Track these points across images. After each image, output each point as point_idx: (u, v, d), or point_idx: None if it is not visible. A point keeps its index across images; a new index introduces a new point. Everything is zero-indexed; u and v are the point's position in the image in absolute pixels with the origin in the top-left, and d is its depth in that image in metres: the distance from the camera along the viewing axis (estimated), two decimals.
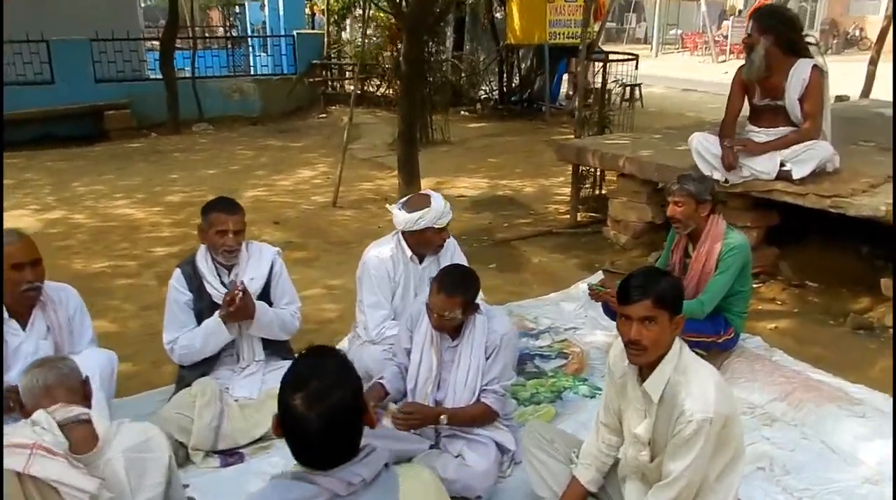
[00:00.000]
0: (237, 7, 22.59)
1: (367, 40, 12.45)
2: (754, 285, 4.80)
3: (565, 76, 13.98)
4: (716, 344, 3.63)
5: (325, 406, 1.58)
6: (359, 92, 11.44)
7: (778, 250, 4.97)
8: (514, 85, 14.63)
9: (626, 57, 11.19)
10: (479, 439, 2.88)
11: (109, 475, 1.94)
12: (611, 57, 10.04)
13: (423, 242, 3.49)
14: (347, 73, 15.41)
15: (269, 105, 14.29)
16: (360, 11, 13.73)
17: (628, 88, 13.60)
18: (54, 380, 1.94)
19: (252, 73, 15.86)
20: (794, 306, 4.50)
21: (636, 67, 11.52)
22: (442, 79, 12.82)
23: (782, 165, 4.52)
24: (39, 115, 12.22)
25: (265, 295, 3.40)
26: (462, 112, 14.05)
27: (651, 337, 2.12)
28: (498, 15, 14.76)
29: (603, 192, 6.65)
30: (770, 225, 4.93)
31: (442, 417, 2.83)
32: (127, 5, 14.99)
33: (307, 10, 18.28)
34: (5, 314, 2.92)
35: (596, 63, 9.66)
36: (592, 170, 6.55)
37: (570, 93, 13.62)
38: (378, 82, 15.03)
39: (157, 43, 14.28)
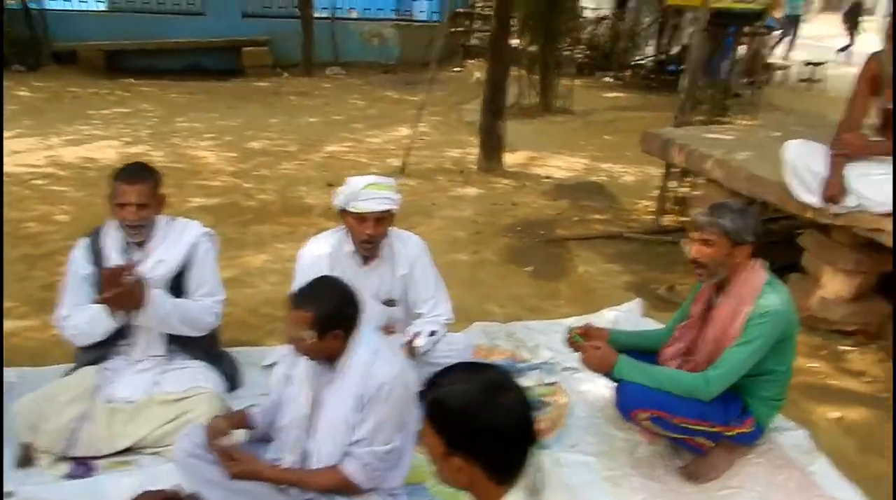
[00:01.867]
0: None
1: None
2: (845, 348, 3.66)
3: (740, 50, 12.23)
4: (724, 437, 2.67)
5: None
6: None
7: (890, 307, 3.74)
8: (671, 53, 13.06)
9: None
10: None
11: None
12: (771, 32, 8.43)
13: (352, 233, 2.85)
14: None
15: (406, 53, 13.83)
16: None
17: (812, 67, 11.73)
18: None
19: (395, 17, 15.37)
20: (885, 389, 3.32)
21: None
22: (577, 39, 11.65)
23: None
24: (188, 45, 12.65)
25: (179, 282, 2.94)
26: (606, 79, 12.82)
27: None
28: None
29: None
30: (882, 271, 3.71)
31: (279, 478, 2.21)
32: None
33: None
34: None
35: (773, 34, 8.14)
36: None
37: (737, 67, 11.90)
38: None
39: None
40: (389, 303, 2.99)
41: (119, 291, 2.64)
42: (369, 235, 2.78)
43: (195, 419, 2.62)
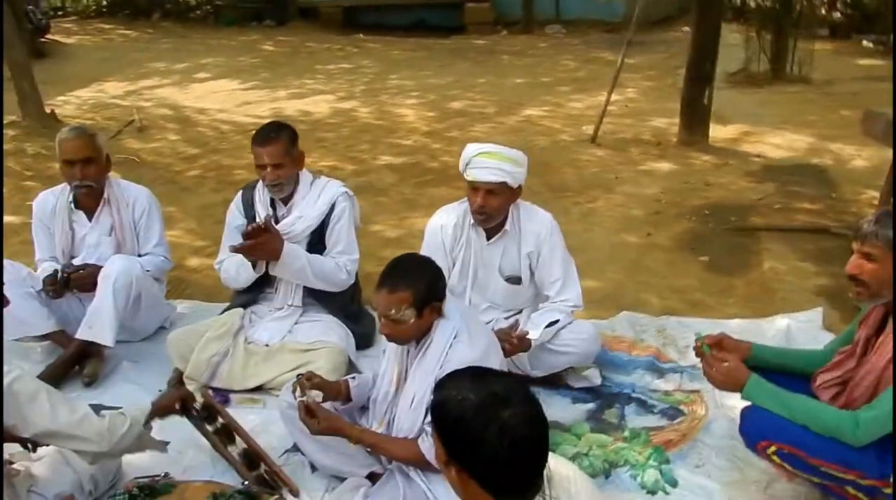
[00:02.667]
0: None
1: None
2: None
3: None
4: (881, 493, 2.22)
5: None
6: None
7: None
8: None
9: None
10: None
11: None
12: None
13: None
14: None
15: (633, 11, 13.05)
16: None
17: None
18: None
19: None
20: None
21: None
22: None
23: None
24: (416, 1, 13.12)
25: (318, 239, 3.08)
26: (865, 42, 11.10)
27: None
28: None
29: None
30: None
31: (358, 438, 2.25)
32: None
33: None
34: (70, 204, 3.14)
35: None
36: None
37: None
38: None
39: None
40: (513, 280, 2.88)
41: (253, 243, 2.83)
42: (479, 205, 2.67)
43: (314, 370, 2.75)
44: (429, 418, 2.15)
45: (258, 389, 2.97)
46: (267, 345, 3.03)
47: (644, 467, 2.61)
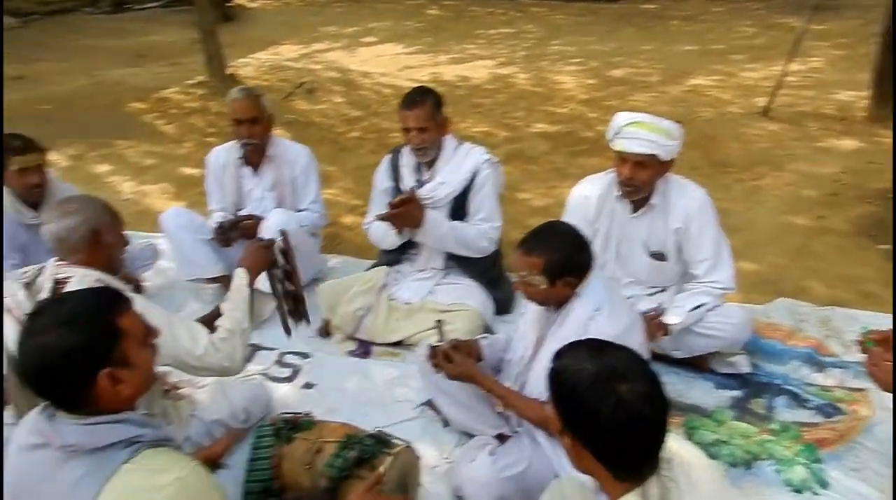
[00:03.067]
0: None
1: None
2: None
3: None
4: None
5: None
6: None
7: None
8: None
9: None
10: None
11: None
12: None
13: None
14: None
15: None
16: None
17: None
18: (52, 236, 2.14)
19: None
20: None
21: None
22: None
23: None
24: None
25: (461, 205, 3.11)
26: None
27: None
28: None
29: None
30: None
31: (490, 387, 2.27)
32: None
33: None
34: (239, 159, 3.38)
35: None
36: None
37: None
38: None
39: None
40: (658, 256, 2.76)
41: (396, 212, 2.91)
42: (626, 177, 2.56)
43: (451, 331, 2.82)
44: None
45: (398, 344, 3.08)
46: (408, 303, 3.13)
47: (791, 463, 2.44)
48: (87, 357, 1.39)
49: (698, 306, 2.63)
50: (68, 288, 1.98)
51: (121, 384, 1.44)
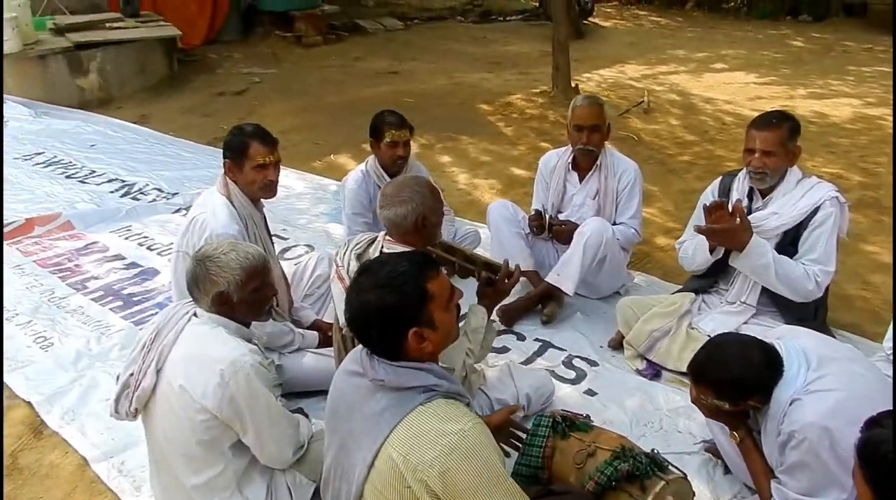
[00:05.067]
0: None
1: None
2: None
3: None
4: None
5: None
6: None
7: None
8: None
9: None
10: None
11: None
12: None
13: None
14: None
15: None
16: None
17: None
18: (387, 220, 2.42)
19: None
20: None
21: None
22: None
23: None
24: None
25: (792, 242, 2.84)
26: None
27: None
28: None
29: None
30: None
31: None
32: None
33: None
34: (568, 164, 3.51)
35: None
36: None
37: None
38: None
39: None
40: None
41: (720, 228, 2.77)
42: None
43: None
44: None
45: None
46: (709, 335, 2.96)
47: None
48: (399, 316, 1.61)
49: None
50: None
51: (425, 342, 1.63)
